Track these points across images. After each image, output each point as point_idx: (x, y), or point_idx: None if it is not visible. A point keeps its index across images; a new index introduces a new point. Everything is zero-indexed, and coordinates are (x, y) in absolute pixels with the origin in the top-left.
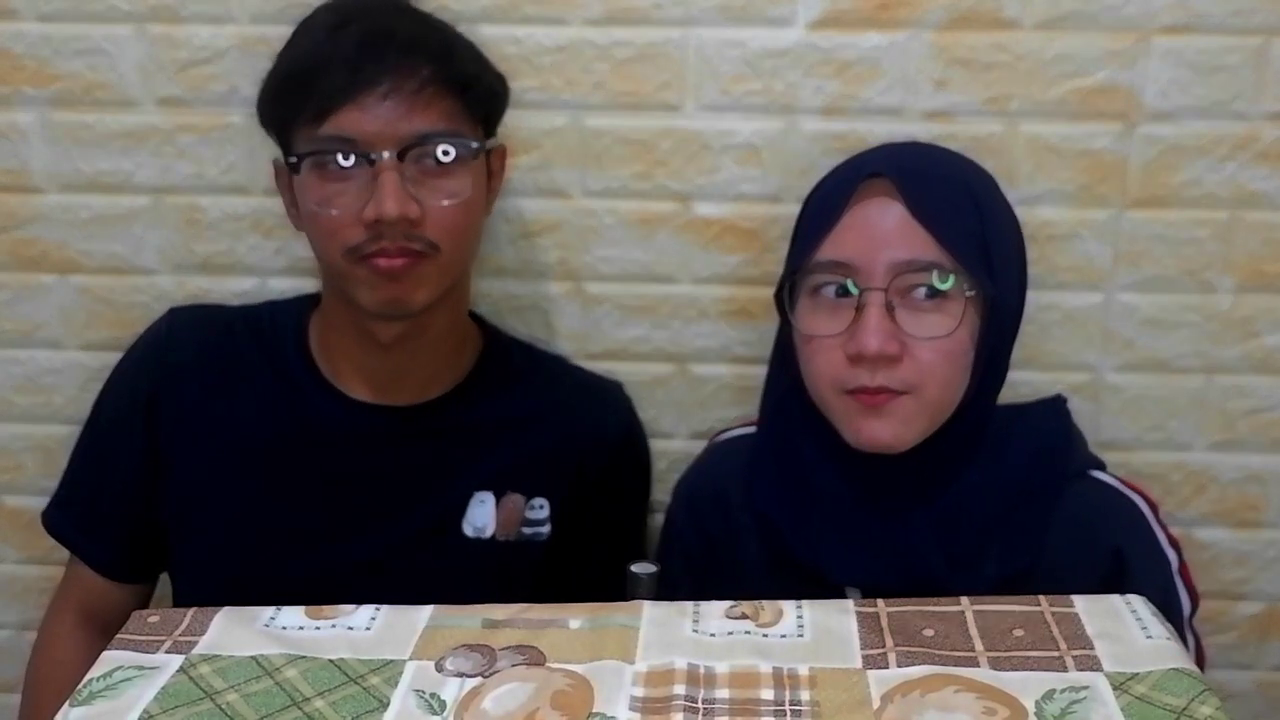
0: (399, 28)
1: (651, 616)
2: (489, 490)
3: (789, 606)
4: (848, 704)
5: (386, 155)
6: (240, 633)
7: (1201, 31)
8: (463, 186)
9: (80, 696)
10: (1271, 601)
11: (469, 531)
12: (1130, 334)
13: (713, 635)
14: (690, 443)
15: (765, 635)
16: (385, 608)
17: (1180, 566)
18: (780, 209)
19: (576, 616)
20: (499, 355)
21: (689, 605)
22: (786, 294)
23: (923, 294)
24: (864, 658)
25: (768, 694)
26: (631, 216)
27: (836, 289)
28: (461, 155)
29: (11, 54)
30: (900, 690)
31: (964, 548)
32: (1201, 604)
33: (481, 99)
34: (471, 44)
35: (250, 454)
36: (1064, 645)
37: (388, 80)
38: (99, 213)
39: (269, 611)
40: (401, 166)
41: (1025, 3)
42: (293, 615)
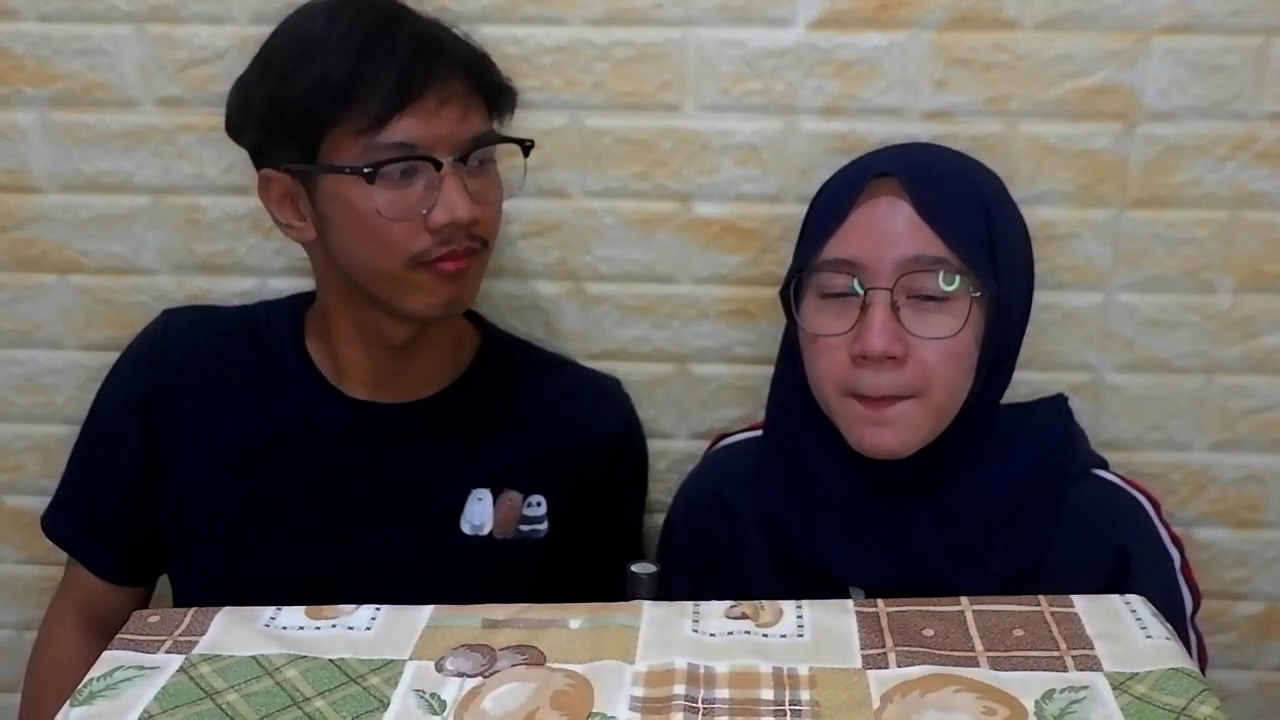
0: (437, 33)
1: (651, 616)
2: (486, 488)
3: (789, 606)
4: (848, 704)
5: (450, 160)
6: (240, 633)
7: (1201, 31)
8: (498, 183)
9: (80, 696)
10: (1271, 601)
11: (467, 529)
12: (1130, 334)
13: (713, 635)
14: (690, 443)
15: (765, 635)
16: (385, 608)
17: (1183, 564)
18: (780, 209)
19: (576, 616)
20: (496, 352)
21: (689, 605)
22: (792, 292)
23: (929, 291)
24: (864, 658)
25: (768, 694)
26: (631, 216)
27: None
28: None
29: (11, 54)
30: (900, 690)
31: (969, 546)
32: (1202, 604)
33: (510, 100)
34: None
35: (248, 453)
36: (1064, 645)
37: (439, 86)
38: (99, 213)
39: (269, 611)
40: (462, 169)
41: (1025, 3)
42: (293, 615)
